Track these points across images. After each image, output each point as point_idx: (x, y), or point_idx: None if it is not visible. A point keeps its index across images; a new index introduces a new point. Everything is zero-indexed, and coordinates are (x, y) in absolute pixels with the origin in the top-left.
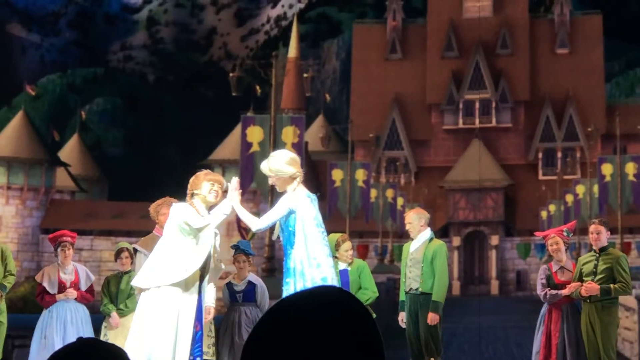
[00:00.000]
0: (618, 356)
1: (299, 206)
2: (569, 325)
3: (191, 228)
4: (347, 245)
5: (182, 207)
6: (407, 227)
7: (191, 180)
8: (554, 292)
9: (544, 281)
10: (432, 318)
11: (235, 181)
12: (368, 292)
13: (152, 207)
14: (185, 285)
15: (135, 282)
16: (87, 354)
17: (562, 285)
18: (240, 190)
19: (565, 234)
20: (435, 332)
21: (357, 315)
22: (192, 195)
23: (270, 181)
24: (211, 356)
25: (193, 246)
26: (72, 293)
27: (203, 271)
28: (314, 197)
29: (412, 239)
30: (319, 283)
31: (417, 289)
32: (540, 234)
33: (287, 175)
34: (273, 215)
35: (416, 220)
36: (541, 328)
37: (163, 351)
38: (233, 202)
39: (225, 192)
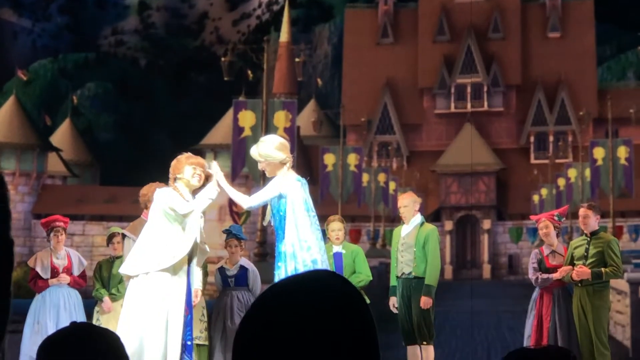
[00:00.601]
0: (610, 340)
1: (290, 190)
2: (560, 309)
3: (177, 214)
4: (335, 225)
5: (166, 192)
6: (402, 210)
7: (173, 163)
8: (545, 276)
9: (535, 265)
10: (425, 302)
11: (215, 165)
12: (361, 275)
13: (145, 191)
14: (173, 270)
15: (122, 270)
16: (81, 339)
17: (554, 270)
18: (222, 173)
19: (556, 218)
20: (428, 316)
21: (349, 299)
22: (175, 179)
23: (260, 166)
24: (204, 341)
25: (180, 232)
26: (65, 278)
27: (190, 255)
28: (304, 181)
29: (403, 224)
30: (309, 266)
31: (409, 273)
32: (534, 218)
33: (276, 161)
34: (264, 195)
35: (411, 204)
36: (532, 312)
37: (155, 337)
38: (221, 183)
39: (207, 177)
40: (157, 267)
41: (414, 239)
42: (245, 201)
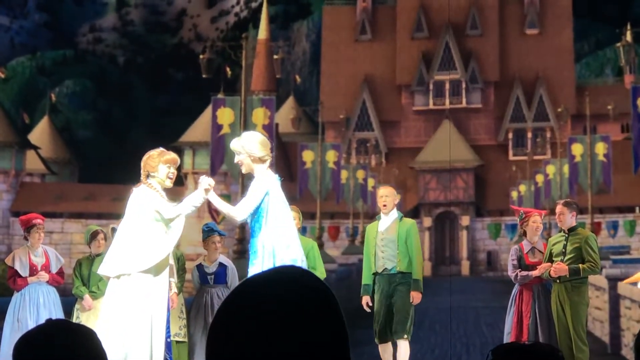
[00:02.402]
0: (588, 336)
1: (271, 188)
2: (540, 305)
3: (162, 217)
4: None
5: (144, 193)
6: (384, 200)
7: (145, 159)
8: (524, 273)
9: (515, 262)
10: (417, 297)
11: (204, 179)
12: (315, 273)
13: None
14: (156, 269)
15: (102, 270)
16: (57, 335)
17: (533, 267)
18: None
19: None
20: (412, 312)
21: (320, 295)
22: (148, 176)
23: (237, 159)
24: (183, 337)
25: (162, 232)
26: (44, 276)
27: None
28: (279, 179)
29: (378, 219)
30: (288, 264)
31: (392, 269)
32: (522, 209)
33: (257, 156)
34: (253, 201)
35: (393, 196)
36: (512, 308)
37: (141, 338)
38: (211, 199)
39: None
40: (140, 267)
41: (395, 234)
42: (238, 214)
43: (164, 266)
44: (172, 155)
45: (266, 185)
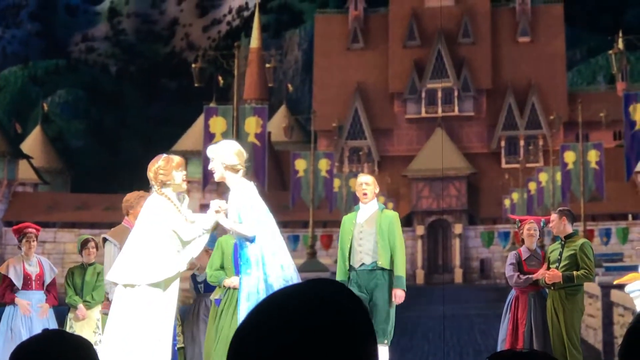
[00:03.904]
0: (582, 343)
1: (252, 197)
2: (536, 312)
3: (179, 236)
4: None
5: (163, 205)
6: (364, 188)
7: (155, 169)
8: (524, 276)
9: (513, 264)
10: (400, 295)
11: (215, 203)
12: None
13: (134, 198)
14: (165, 283)
15: (112, 277)
16: (53, 345)
17: (531, 274)
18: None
19: (542, 224)
20: (393, 313)
21: (349, 310)
22: (163, 185)
23: (210, 166)
24: (182, 343)
25: (177, 248)
26: (44, 311)
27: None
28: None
29: (356, 210)
30: (278, 271)
31: (372, 264)
32: (520, 218)
33: (229, 164)
34: (252, 213)
35: (373, 184)
36: (507, 315)
37: (146, 349)
38: (221, 221)
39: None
40: (150, 279)
41: (375, 226)
42: (249, 231)
43: (174, 278)
44: (178, 158)
45: (248, 194)
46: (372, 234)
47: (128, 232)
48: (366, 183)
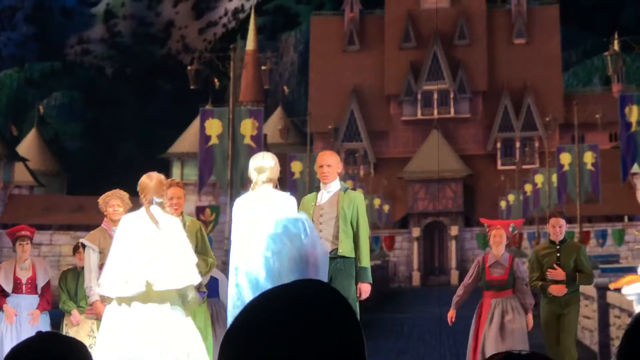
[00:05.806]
0: (577, 345)
1: (233, 210)
2: (493, 316)
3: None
4: (172, 191)
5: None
6: (324, 169)
7: (154, 185)
8: (458, 299)
9: (471, 275)
10: (366, 289)
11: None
12: (208, 259)
13: (101, 199)
14: (161, 297)
15: (106, 292)
16: (47, 348)
17: (492, 282)
18: None
19: (510, 229)
20: (357, 308)
21: (338, 310)
22: (152, 201)
23: (267, 178)
24: None
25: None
26: (34, 318)
27: None
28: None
29: (317, 191)
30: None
31: (332, 252)
32: (486, 222)
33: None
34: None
35: (335, 164)
36: (474, 319)
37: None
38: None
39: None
40: (141, 289)
41: (337, 209)
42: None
43: (171, 293)
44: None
45: (233, 210)
46: (332, 218)
47: (105, 233)
48: (327, 165)
